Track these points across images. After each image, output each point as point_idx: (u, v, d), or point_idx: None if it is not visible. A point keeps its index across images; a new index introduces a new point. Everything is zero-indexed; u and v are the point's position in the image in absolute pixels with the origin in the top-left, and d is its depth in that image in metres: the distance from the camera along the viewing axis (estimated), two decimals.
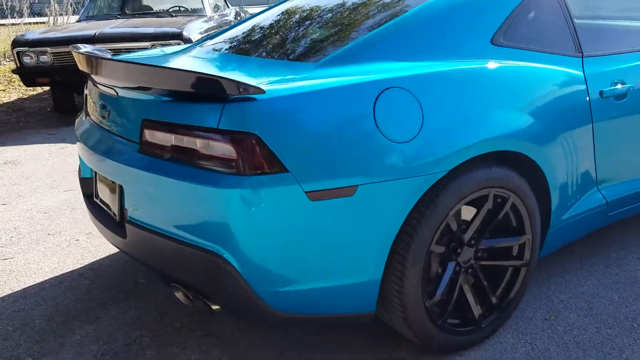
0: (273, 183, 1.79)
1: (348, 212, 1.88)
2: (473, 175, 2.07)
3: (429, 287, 2.16)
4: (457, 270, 2.20)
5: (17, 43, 6.47)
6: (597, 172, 2.55)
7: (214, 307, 2.04)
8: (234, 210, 1.80)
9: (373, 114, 1.89)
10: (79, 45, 2.50)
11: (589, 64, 2.51)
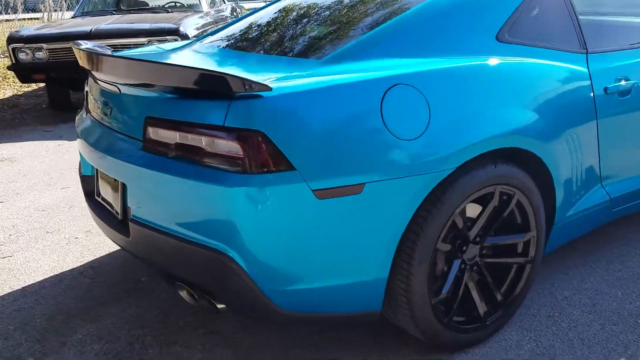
0: (280, 181, 1.77)
1: (355, 210, 1.86)
2: (480, 173, 2.06)
3: (435, 285, 2.14)
4: (462, 268, 2.19)
5: (12, 39, 6.41)
6: (601, 168, 2.55)
7: (220, 306, 2.02)
8: (240, 209, 1.78)
9: (380, 111, 1.87)
10: (80, 42, 2.47)
11: (593, 60, 2.50)
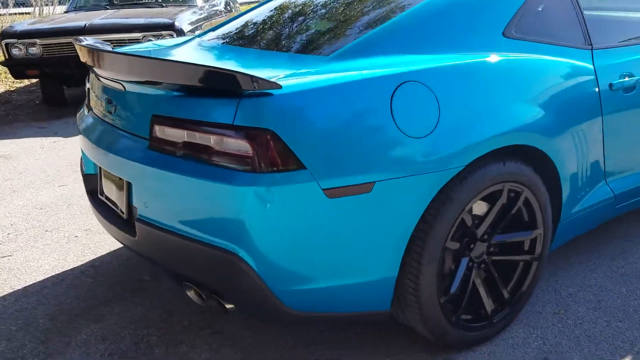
0: (290, 180, 1.75)
1: (365, 209, 1.85)
2: (488, 170, 2.05)
3: (443, 283, 2.13)
4: (469, 266, 2.19)
5: (5, 35, 6.33)
6: (605, 165, 2.55)
7: (228, 306, 2.00)
8: (250, 208, 1.76)
9: (390, 109, 1.86)
10: (81, 38, 2.44)
11: (599, 56, 2.49)
